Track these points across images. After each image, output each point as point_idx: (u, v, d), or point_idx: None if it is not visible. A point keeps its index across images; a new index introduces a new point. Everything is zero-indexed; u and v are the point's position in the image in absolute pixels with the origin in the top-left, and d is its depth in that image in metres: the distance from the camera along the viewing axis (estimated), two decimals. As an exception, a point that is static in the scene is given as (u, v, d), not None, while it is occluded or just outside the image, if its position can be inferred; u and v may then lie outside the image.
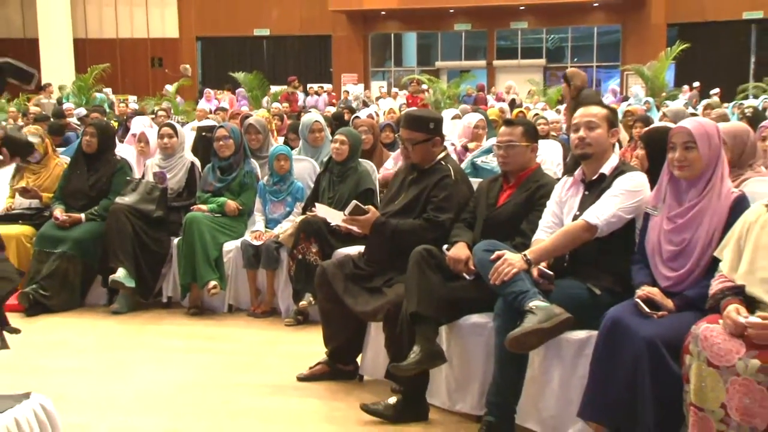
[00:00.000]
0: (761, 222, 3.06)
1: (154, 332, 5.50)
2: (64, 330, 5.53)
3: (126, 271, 5.71)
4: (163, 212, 6.02)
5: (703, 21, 21.51)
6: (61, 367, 4.72)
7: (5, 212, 6.40)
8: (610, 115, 3.74)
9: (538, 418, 3.60)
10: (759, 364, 2.78)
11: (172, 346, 5.14)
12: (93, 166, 6.27)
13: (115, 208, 5.90)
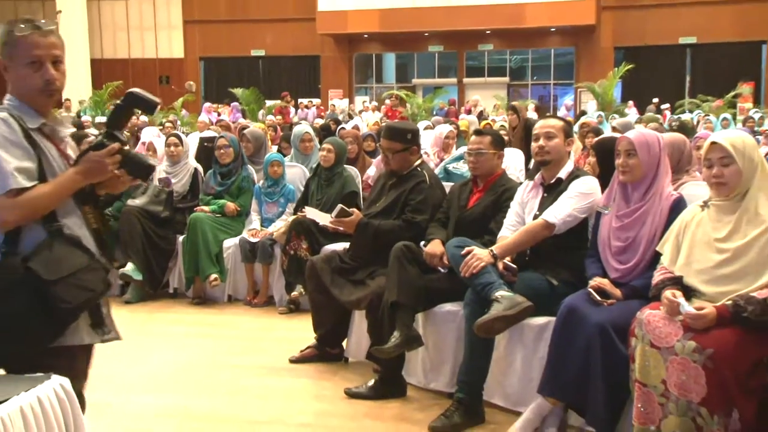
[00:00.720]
0: (696, 220, 3.08)
1: (161, 320, 5.49)
2: (81, 318, 5.46)
3: (134, 265, 5.76)
4: (169, 213, 6.01)
5: (645, 45, 21.64)
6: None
7: None
8: (566, 127, 3.75)
9: (503, 394, 3.61)
10: (694, 345, 2.79)
11: (178, 332, 5.12)
12: None
13: (126, 210, 5.90)
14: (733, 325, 2.82)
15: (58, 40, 2.21)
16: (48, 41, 2.16)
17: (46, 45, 2.15)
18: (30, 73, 2.15)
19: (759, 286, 2.85)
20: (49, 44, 2.16)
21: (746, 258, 2.91)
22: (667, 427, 2.84)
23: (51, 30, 2.18)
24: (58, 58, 2.19)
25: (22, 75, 2.17)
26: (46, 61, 2.15)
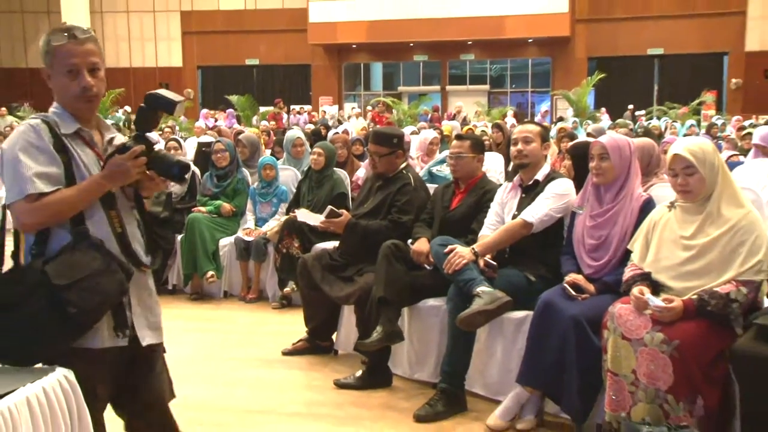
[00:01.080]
0: (664, 220, 3.09)
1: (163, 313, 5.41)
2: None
3: None
4: (168, 213, 5.85)
5: (616, 55, 21.77)
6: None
7: None
8: (543, 132, 3.76)
9: (484, 383, 3.62)
10: (662, 337, 2.81)
11: (177, 326, 5.05)
12: None
13: None
14: (697, 318, 2.84)
15: (95, 47, 2.13)
16: (84, 49, 2.09)
17: (82, 53, 2.08)
18: (68, 82, 2.09)
19: (722, 282, 2.88)
20: (85, 52, 2.09)
21: (710, 256, 2.93)
22: (636, 413, 2.85)
23: (87, 38, 2.10)
24: (95, 65, 2.12)
25: (62, 83, 2.10)
26: (83, 69, 2.08)
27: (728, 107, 20.44)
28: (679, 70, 21.76)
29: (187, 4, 24.26)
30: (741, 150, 8.18)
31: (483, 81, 24.08)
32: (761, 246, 2.90)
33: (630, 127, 10.44)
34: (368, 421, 3.44)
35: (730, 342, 2.83)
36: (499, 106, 20.81)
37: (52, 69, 2.12)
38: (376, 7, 21.74)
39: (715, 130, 11.66)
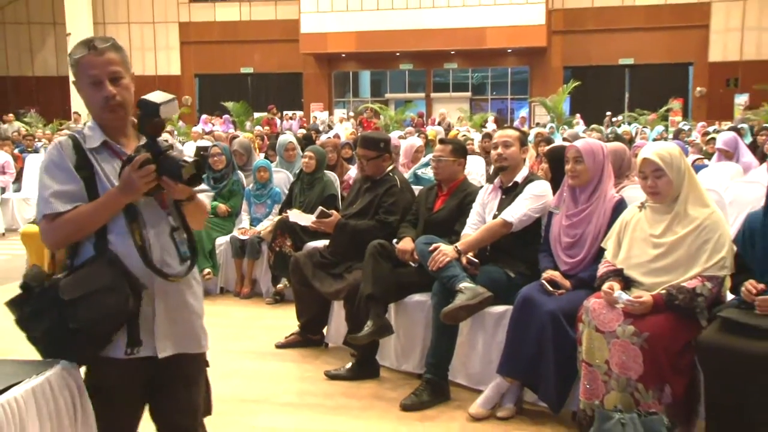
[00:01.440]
0: (635, 220, 3.11)
1: None
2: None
3: None
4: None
5: (589, 65, 21.86)
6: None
7: None
8: (521, 137, 3.77)
9: (466, 374, 3.62)
10: (633, 329, 2.83)
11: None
12: None
13: None
14: (666, 312, 2.86)
15: (116, 56, 2.00)
16: (104, 59, 1.97)
17: (102, 63, 1.97)
18: (93, 93, 1.98)
19: (688, 278, 2.90)
20: (105, 62, 1.97)
21: (678, 253, 2.95)
22: (609, 401, 2.86)
23: (107, 47, 1.99)
24: (117, 73, 1.99)
25: (88, 95, 2.00)
26: (104, 79, 1.97)
27: (694, 114, 20.58)
28: (648, 79, 21.88)
29: (185, 16, 24.14)
30: (706, 154, 8.24)
31: (465, 88, 24.11)
32: (724, 244, 2.92)
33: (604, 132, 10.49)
34: (357, 410, 3.43)
35: (695, 333, 2.85)
36: (480, 113, 20.80)
37: (78, 82, 2.02)
38: (365, 19, 21.75)
39: (683, 135, 11.73)
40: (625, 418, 2.76)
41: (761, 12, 20.38)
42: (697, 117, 19.40)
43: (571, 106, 20.76)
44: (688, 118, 18.98)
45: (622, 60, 21.87)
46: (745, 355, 2.69)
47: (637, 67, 22.10)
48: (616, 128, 13.90)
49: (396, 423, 3.28)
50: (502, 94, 24.28)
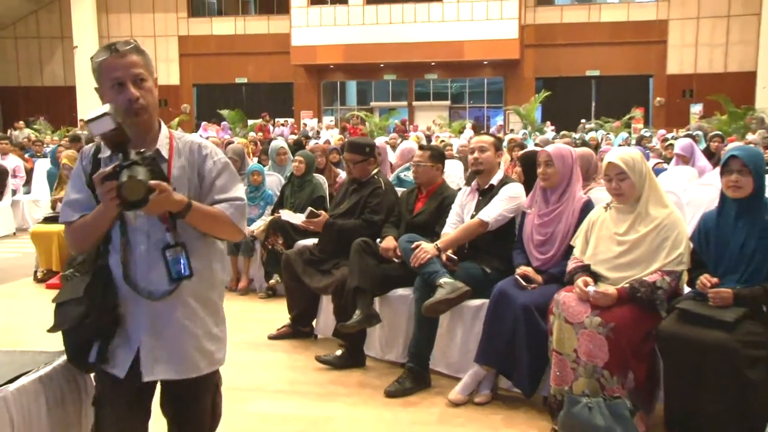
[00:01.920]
0: (601, 219, 3.12)
1: None
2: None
3: None
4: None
5: (559, 76, 21.99)
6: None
7: (49, 215, 6.19)
8: (496, 142, 3.77)
9: (446, 363, 3.62)
10: (599, 320, 2.84)
11: (174, 314, 5.01)
12: None
13: None
14: (629, 304, 2.87)
15: (139, 59, 1.82)
16: (126, 61, 1.80)
17: (124, 65, 1.79)
18: (115, 96, 1.79)
19: (649, 272, 2.92)
20: (127, 64, 1.79)
21: (640, 250, 2.97)
22: (577, 387, 2.87)
23: (129, 49, 1.81)
24: (140, 75, 1.81)
25: (110, 99, 1.79)
26: (127, 81, 1.79)
27: (654, 122, 20.77)
28: (612, 89, 22.06)
29: (184, 30, 24.00)
30: (665, 158, 8.31)
31: (445, 97, 24.16)
32: (682, 241, 2.94)
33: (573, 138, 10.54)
34: (345, 397, 3.42)
35: (655, 324, 2.87)
36: (458, 120, 20.86)
37: (101, 86, 1.84)
38: (351, 33, 21.73)
39: (645, 141, 11.82)
40: (592, 402, 2.78)
41: (713, 30, 20.67)
42: (657, 124, 19.60)
43: (543, 114, 20.88)
44: (649, 125, 19.15)
45: (588, 72, 22.03)
46: (700, 343, 2.71)
47: (602, 79, 22.27)
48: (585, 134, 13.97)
49: (381, 409, 3.27)
50: (479, 102, 24.35)
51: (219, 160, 1.93)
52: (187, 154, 1.90)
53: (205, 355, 1.92)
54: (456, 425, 3.08)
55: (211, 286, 1.95)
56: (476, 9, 21.08)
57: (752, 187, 2.87)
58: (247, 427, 3.09)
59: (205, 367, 1.92)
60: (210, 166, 1.91)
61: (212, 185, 1.90)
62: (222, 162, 1.93)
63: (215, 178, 1.90)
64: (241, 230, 1.92)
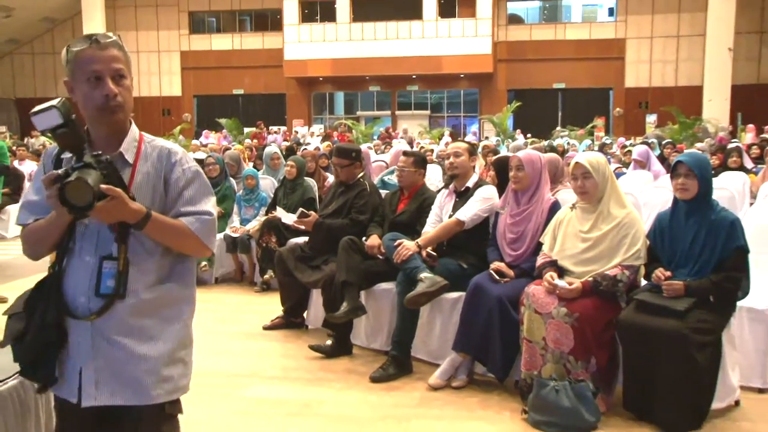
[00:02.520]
0: (567, 218, 3.13)
1: None
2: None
3: None
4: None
5: (529, 88, 22.11)
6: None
7: None
8: (470, 148, 3.78)
9: (426, 350, 3.61)
10: (565, 311, 2.85)
11: (175, 307, 4.96)
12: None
13: None
14: (592, 296, 2.89)
15: (120, 54, 1.53)
16: (107, 55, 1.51)
17: (105, 59, 1.50)
18: (90, 90, 1.50)
19: (611, 267, 2.93)
20: (108, 58, 1.51)
21: (602, 246, 2.98)
22: (545, 371, 2.88)
23: (111, 42, 1.52)
24: (120, 71, 1.52)
25: (84, 93, 1.51)
26: (106, 76, 1.50)
27: (614, 130, 20.93)
28: (577, 101, 22.21)
29: (186, 45, 23.82)
30: (624, 163, 8.38)
31: (425, 107, 24.18)
32: (639, 238, 2.97)
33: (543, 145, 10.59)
34: (333, 382, 3.40)
35: (616, 313, 2.89)
36: (438, 128, 20.89)
37: (74, 79, 1.53)
38: (339, 48, 21.69)
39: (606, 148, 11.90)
40: (559, 385, 2.79)
41: (664, 48, 20.95)
42: (616, 133, 19.76)
43: (514, 122, 20.95)
44: (610, 133, 19.29)
45: (555, 84, 22.17)
46: (655, 330, 2.73)
47: (568, 91, 22.42)
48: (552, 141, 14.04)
49: (366, 393, 3.26)
50: (456, 112, 24.39)
51: (189, 169, 1.62)
52: (154, 159, 1.60)
53: (162, 380, 1.60)
54: (435, 407, 3.07)
55: (168, 305, 1.67)
56: (453, 27, 21.13)
57: (698, 189, 2.90)
58: (244, 410, 3.07)
59: (162, 394, 1.60)
60: (178, 175, 1.61)
61: (179, 195, 1.60)
62: (192, 171, 1.63)
63: (183, 188, 1.61)
64: (207, 247, 1.64)
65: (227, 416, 3.01)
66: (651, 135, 14.21)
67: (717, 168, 6.56)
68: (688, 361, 2.67)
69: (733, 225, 2.85)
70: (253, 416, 2.99)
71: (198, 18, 23.95)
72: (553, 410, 2.77)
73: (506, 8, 22.12)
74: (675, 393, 2.71)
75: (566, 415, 2.75)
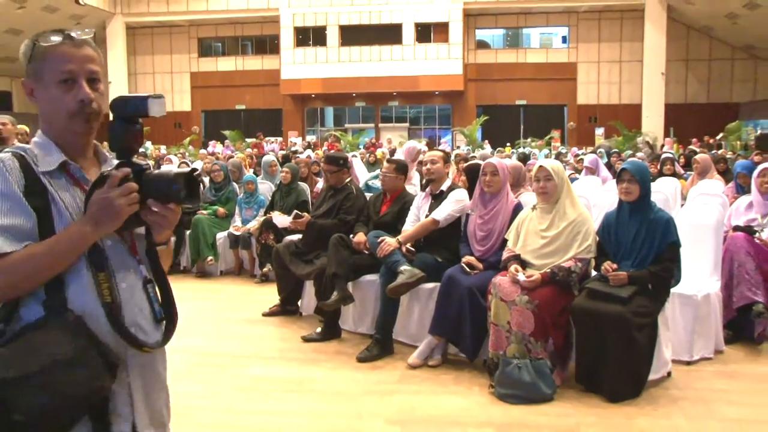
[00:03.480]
0: (529, 218, 3.15)
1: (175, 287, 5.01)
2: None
3: None
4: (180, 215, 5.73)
5: (495, 104, 22.17)
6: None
7: None
8: (444, 156, 3.78)
9: (406, 334, 3.61)
10: (527, 298, 2.86)
11: (186, 295, 4.89)
12: None
13: None
14: (550, 285, 2.90)
15: (95, 53, 1.16)
16: (83, 53, 1.14)
17: (80, 58, 1.13)
18: (60, 94, 1.12)
19: (566, 260, 2.95)
20: (83, 57, 1.14)
21: (558, 242, 3.00)
22: (510, 351, 2.89)
23: (86, 40, 1.15)
24: (95, 74, 1.15)
25: (52, 96, 1.13)
26: (80, 78, 1.13)
27: (568, 141, 21.12)
28: (536, 115, 22.34)
29: (195, 67, 23.64)
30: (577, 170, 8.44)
31: (404, 120, 24.13)
32: (590, 234, 2.99)
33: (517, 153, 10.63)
34: (324, 362, 3.38)
35: (570, 300, 2.91)
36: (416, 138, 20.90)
37: (38, 79, 1.14)
38: (329, 69, 21.63)
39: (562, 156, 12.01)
40: (521, 363, 2.80)
41: (609, 71, 21.26)
42: (570, 143, 19.91)
43: (482, 134, 21.03)
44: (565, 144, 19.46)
45: (518, 101, 22.29)
46: (603, 314, 2.76)
47: (528, 107, 22.55)
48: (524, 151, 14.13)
49: (353, 371, 3.24)
50: (432, 124, 24.38)
51: None
52: None
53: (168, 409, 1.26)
54: (413, 384, 3.07)
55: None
56: (429, 51, 21.19)
57: (639, 193, 2.94)
58: (246, 386, 3.04)
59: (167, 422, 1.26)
60: None
61: None
62: None
63: None
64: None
65: (231, 391, 2.98)
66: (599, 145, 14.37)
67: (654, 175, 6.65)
68: (630, 340, 2.71)
69: (667, 223, 2.89)
70: (254, 391, 2.97)
71: (206, 43, 23.78)
72: (516, 385, 2.78)
73: (475, 35, 22.22)
74: (618, 367, 2.74)
75: (527, 388, 2.76)
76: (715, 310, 3.32)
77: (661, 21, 19.01)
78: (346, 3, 21.21)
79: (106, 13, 20.77)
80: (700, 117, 19.21)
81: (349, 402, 2.85)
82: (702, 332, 3.25)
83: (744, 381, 3.01)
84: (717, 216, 3.56)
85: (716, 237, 3.51)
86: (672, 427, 2.52)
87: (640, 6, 19.28)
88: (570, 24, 21.22)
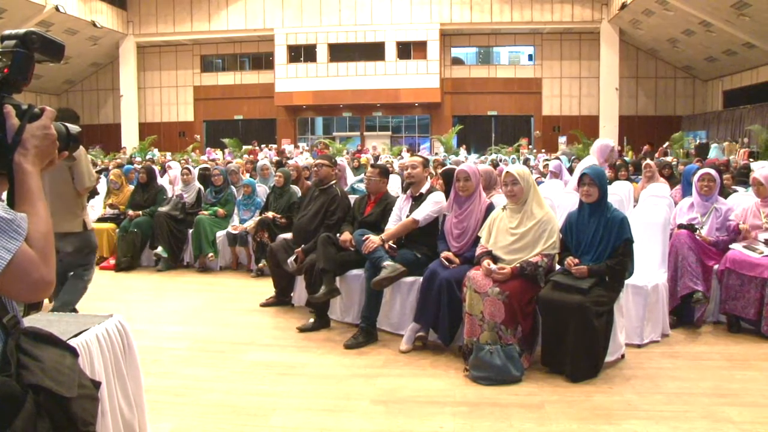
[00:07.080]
0: (500, 217, 3.15)
1: (179, 281, 5.19)
2: (132, 279, 5.21)
3: (163, 248, 5.54)
4: (183, 215, 5.76)
5: (469, 114, 22.29)
6: (129, 299, 4.46)
7: (101, 216, 6.04)
8: (424, 161, 3.77)
9: (389, 323, 3.59)
10: (498, 290, 2.87)
11: (189, 288, 4.86)
12: (145, 190, 5.96)
13: (157, 214, 5.66)
14: (519, 278, 2.91)
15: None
16: None
17: None
18: None
19: (533, 255, 2.96)
20: None
21: (526, 239, 3.01)
22: (483, 338, 2.89)
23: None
24: None
25: None
26: None
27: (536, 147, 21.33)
28: (506, 125, 22.51)
29: (198, 81, 23.44)
30: (542, 174, 8.53)
31: (387, 129, 24.11)
32: (555, 232, 3.01)
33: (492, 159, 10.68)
34: (315, 349, 3.35)
35: (537, 291, 2.92)
36: (398, 145, 20.90)
37: None
38: (319, 83, 21.54)
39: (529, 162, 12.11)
40: (493, 348, 2.80)
41: (570, 86, 21.56)
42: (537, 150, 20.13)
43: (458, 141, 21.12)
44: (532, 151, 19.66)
45: (489, 112, 22.42)
46: (565, 304, 2.78)
47: (499, 117, 22.71)
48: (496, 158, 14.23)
49: (341, 357, 3.22)
50: (412, 133, 24.38)
51: None
52: None
53: None
54: (396, 368, 3.05)
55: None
56: (409, 66, 21.22)
57: (598, 195, 2.97)
58: (244, 370, 3.00)
59: None
60: None
61: None
62: None
63: None
64: None
65: (230, 375, 2.94)
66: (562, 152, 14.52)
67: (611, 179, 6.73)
68: (589, 326, 2.73)
69: (622, 222, 2.92)
70: (251, 375, 2.93)
71: (208, 60, 23.60)
72: (488, 368, 2.79)
73: (451, 52, 22.32)
74: (579, 350, 2.76)
75: (498, 371, 2.77)
76: (662, 298, 3.37)
77: (614, 43, 19.54)
78: (334, 23, 21.18)
79: (120, 34, 20.96)
80: (649, 127, 19.67)
81: (337, 384, 2.82)
82: (651, 318, 3.30)
83: (686, 359, 3.07)
84: (665, 215, 3.61)
85: (664, 234, 3.56)
86: (625, 402, 2.56)
87: (596, 29, 19.79)
88: (535, 44, 21.46)
